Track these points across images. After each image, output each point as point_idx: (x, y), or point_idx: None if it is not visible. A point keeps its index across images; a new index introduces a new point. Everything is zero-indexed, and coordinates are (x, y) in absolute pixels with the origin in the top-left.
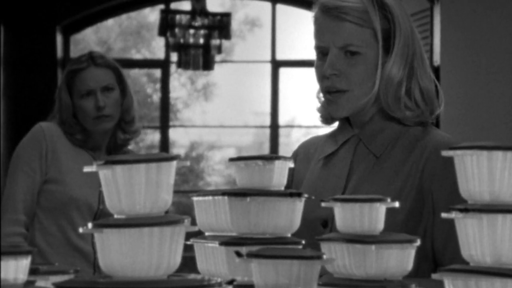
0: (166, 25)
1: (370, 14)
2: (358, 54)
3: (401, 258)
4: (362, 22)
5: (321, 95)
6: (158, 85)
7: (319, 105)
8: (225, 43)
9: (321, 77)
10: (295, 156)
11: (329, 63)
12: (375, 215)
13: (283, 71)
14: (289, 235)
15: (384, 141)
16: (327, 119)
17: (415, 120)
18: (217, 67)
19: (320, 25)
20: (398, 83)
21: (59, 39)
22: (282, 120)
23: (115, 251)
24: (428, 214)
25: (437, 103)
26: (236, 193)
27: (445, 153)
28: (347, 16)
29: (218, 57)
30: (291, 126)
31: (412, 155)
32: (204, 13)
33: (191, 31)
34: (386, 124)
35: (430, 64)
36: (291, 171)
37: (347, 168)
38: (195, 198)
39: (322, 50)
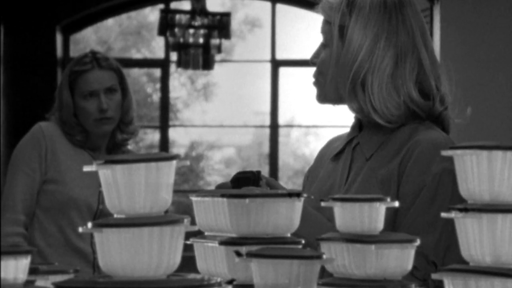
0: (166, 25)
1: (333, 11)
2: (327, 47)
3: (401, 258)
4: (328, 17)
5: None
6: (158, 85)
7: None
8: (225, 42)
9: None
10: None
11: (312, 53)
12: (375, 215)
13: (283, 71)
14: (288, 235)
15: (376, 143)
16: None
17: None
18: (217, 66)
19: None
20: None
21: (59, 39)
22: (281, 119)
23: (114, 251)
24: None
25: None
26: (235, 195)
27: (445, 152)
28: (322, 12)
29: (218, 57)
30: (291, 126)
31: (397, 155)
32: (204, 12)
33: (191, 30)
34: (381, 126)
35: None
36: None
37: (347, 168)
38: (194, 198)
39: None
